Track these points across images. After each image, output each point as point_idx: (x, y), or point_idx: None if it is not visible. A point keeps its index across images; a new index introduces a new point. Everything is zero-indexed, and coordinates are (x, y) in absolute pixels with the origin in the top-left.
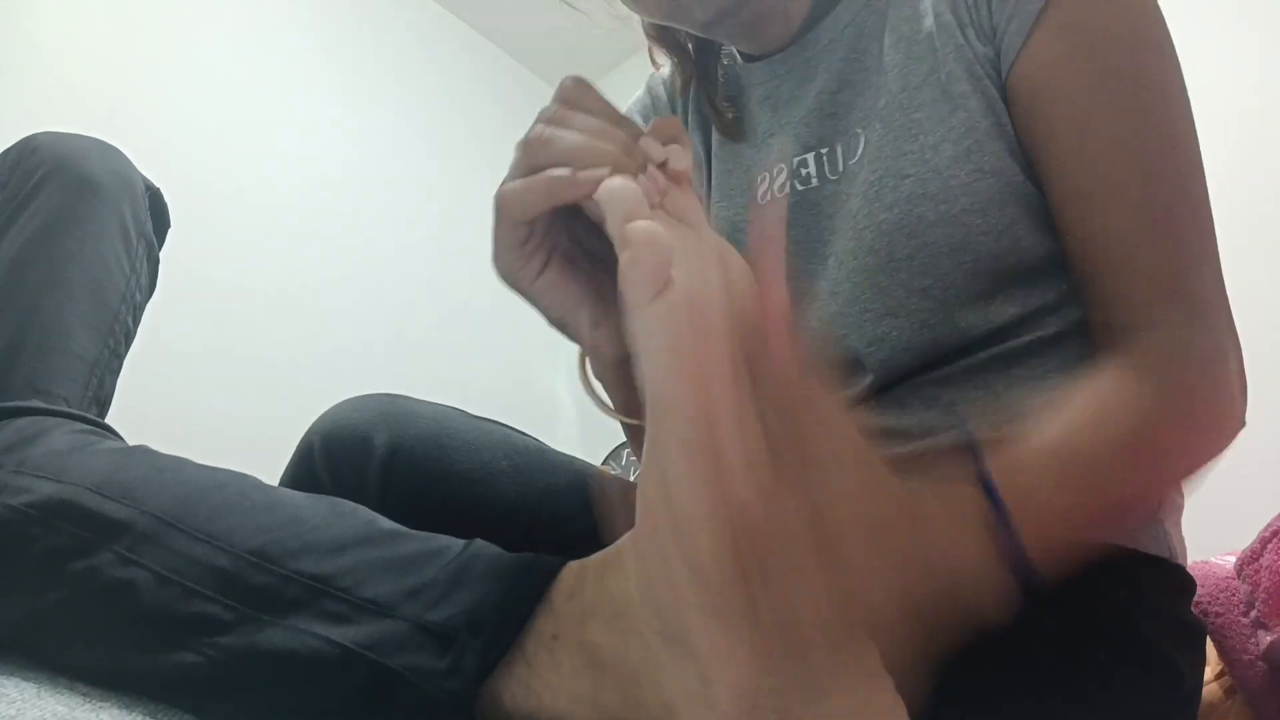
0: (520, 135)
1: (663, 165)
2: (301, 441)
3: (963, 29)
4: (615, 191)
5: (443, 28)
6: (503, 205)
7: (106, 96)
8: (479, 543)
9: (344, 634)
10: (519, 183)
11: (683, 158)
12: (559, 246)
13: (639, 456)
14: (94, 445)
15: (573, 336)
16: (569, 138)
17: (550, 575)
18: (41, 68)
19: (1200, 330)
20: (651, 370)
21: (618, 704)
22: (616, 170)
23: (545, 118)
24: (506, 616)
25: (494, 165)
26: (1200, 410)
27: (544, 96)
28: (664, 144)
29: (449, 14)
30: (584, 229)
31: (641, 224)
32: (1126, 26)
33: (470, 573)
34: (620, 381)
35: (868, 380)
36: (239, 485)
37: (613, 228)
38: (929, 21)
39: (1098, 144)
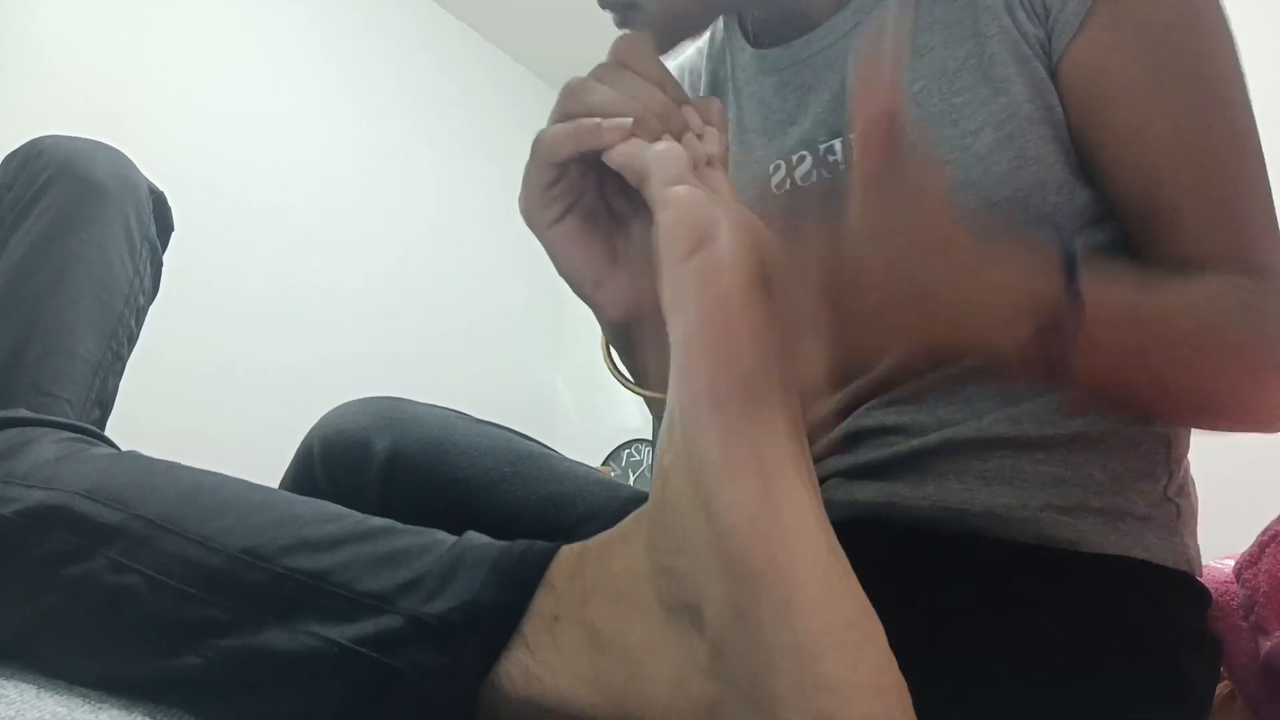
0: (523, 140)
1: (699, 137)
2: (301, 446)
3: (1010, 10)
4: (661, 154)
5: (447, 32)
6: (535, 146)
7: (109, 99)
8: (471, 534)
9: (342, 632)
10: (553, 127)
11: (716, 141)
12: (584, 202)
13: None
14: (83, 452)
15: (577, 291)
16: (603, 91)
17: (545, 560)
18: (44, 70)
19: (1273, 286)
20: (682, 327)
21: (620, 682)
22: (644, 130)
23: (592, 72)
24: (505, 607)
25: (494, 170)
26: (1273, 352)
27: (550, 102)
28: (704, 123)
29: (452, 18)
30: (615, 190)
31: (684, 187)
32: (1183, 11)
33: (465, 563)
34: (625, 346)
35: (883, 365)
36: (231, 487)
37: (654, 189)
38: (968, 2)
39: (1158, 131)
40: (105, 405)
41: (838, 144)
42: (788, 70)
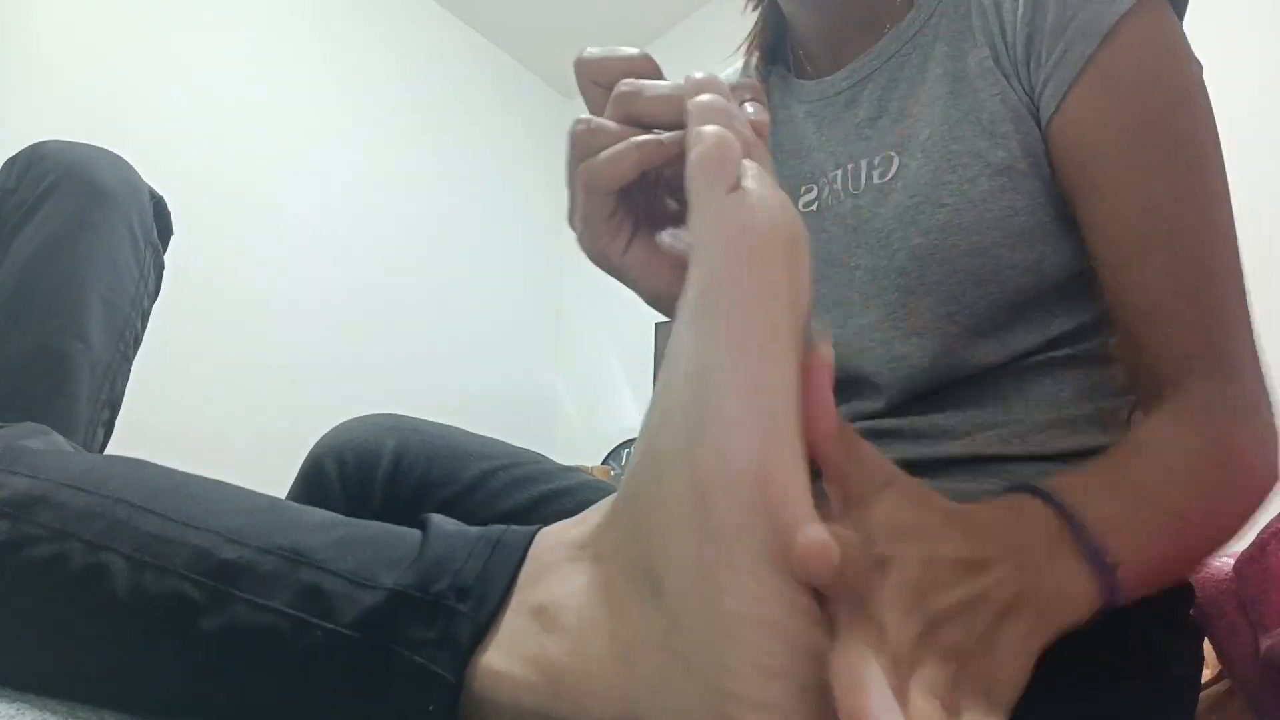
0: (526, 145)
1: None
2: (310, 458)
3: (1007, 78)
4: (709, 135)
5: (451, 36)
6: (593, 177)
7: (109, 99)
8: (450, 520)
9: (326, 609)
10: (607, 153)
11: (763, 112)
12: (643, 218)
13: None
14: (71, 455)
15: (668, 311)
16: (656, 87)
17: (529, 539)
18: (43, 70)
19: (1235, 386)
20: (712, 263)
21: (561, 659)
22: (704, 120)
23: (623, 84)
24: (493, 579)
25: (497, 174)
26: (1243, 457)
27: (551, 105)
28: (745, 102)
29: (458, 21)
30: (665, 191)
31: (714, 126)
32: (1163, 88)
33: (450, 542)
34: None
35: (881, 401)
36: (220, 484)
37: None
38: (974, 62)
39: (1132, 206)
40: (115, 406)
41: (838, 175)
42: (816, 102)
